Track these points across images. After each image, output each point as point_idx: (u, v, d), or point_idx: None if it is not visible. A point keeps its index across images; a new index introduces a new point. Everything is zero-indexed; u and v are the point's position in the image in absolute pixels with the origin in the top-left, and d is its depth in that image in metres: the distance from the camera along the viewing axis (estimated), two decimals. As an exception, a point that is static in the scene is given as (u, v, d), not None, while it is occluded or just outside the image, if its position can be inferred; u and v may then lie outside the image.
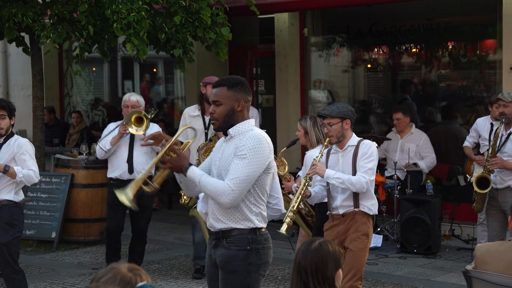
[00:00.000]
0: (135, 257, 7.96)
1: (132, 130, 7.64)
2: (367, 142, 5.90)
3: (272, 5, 10.97)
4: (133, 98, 7.95)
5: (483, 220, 8.26)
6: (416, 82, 11.68)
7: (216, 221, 4.48)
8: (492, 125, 8.68)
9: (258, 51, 12.68)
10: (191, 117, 8.00)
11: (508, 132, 7.66)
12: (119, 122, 7.94)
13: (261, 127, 8.24)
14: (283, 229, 5.67)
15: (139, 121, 7.67)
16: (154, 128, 7.76)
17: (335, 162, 5.97)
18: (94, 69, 15.12)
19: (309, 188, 6.00)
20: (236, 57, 12.41)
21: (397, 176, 9.40)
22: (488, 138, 8.61)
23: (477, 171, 7.86)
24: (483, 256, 4.41)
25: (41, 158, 10.08)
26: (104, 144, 7.81)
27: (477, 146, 8.46)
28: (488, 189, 7.52)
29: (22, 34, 9.93)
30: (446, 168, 10.73)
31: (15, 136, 6.66)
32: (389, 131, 10.44)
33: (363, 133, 11.25)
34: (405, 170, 9.57)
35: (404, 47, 11.75)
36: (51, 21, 9.19)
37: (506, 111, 7.60)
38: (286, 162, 6.82)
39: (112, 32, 9.16)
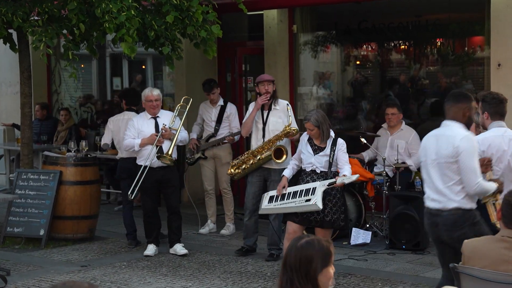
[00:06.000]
0: (174, 231, 8.85)
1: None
2: None
3: (261, 2, 10.97)
4: (155, 92, 8.80)
5: None
6: (405, 79, 11.70)
7: None
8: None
9: (247, 48, 12.67)
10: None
11: None
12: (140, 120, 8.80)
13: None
14: None
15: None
16: (165, 115, 8.84)
17: None
18: (82, 66, 15.06)
19: None
20: (225, 53, 12.40)
21: (386, 173, 9.43)
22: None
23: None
24: (471, 252, 4.44)
25: (29, 156, 10.04)
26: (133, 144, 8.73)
27: None
28: None
29: (10, 31, 9.87)
30: (435, 165, 10.72)
31: None
32: (378, 127, 10.45)
33: (352, 130, 11.28)
34: (393, 166, 9.57)
35: (392, 44, 11.77)
36: (42, 19, 9.09)
37: None
38: None
39: (101, 30, 9.11)
